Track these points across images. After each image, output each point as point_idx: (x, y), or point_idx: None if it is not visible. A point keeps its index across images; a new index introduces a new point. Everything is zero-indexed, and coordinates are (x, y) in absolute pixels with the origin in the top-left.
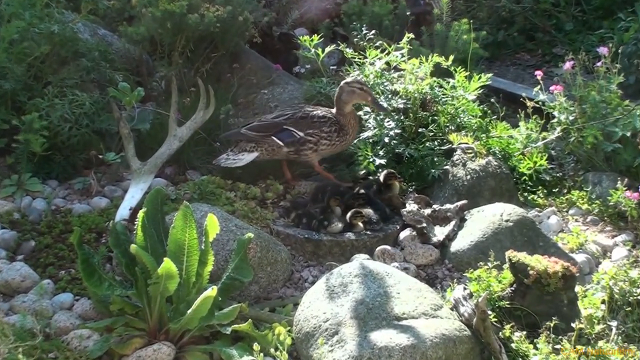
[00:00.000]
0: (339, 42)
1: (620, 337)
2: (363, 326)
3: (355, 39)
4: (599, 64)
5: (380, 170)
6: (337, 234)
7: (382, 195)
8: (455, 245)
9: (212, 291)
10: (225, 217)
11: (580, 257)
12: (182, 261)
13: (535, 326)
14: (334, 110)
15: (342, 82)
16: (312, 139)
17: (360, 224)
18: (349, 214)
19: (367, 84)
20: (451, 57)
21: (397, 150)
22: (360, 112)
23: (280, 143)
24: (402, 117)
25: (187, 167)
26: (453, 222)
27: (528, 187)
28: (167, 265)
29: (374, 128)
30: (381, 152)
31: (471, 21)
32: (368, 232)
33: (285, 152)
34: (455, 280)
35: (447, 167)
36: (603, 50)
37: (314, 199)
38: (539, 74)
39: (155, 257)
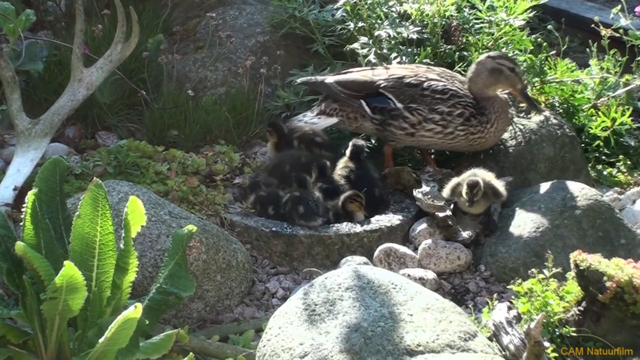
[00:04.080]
0: None
1: None
2: None
3: None
4: None
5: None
6: (319, 226)
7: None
8: (495, 244)
9: (135, 311)
10: (155, 202)
11: None
12: (92, 267)
13: None
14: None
15: (484, 56)
16: (412, 118)
17: (360, 213)
18: (341, 198)
19: (518, 62)
20: None
21: None
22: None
23: (367, 110)
24: (415, 52)
25: (99, 126)
26: (492, 210)
27: (603, 157)
28: (70, 272)
29: None
30: None
31: None
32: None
33: (370, 124)
34: (495, 295)
35: None
36: None
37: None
38: None
39: (52, 261)
